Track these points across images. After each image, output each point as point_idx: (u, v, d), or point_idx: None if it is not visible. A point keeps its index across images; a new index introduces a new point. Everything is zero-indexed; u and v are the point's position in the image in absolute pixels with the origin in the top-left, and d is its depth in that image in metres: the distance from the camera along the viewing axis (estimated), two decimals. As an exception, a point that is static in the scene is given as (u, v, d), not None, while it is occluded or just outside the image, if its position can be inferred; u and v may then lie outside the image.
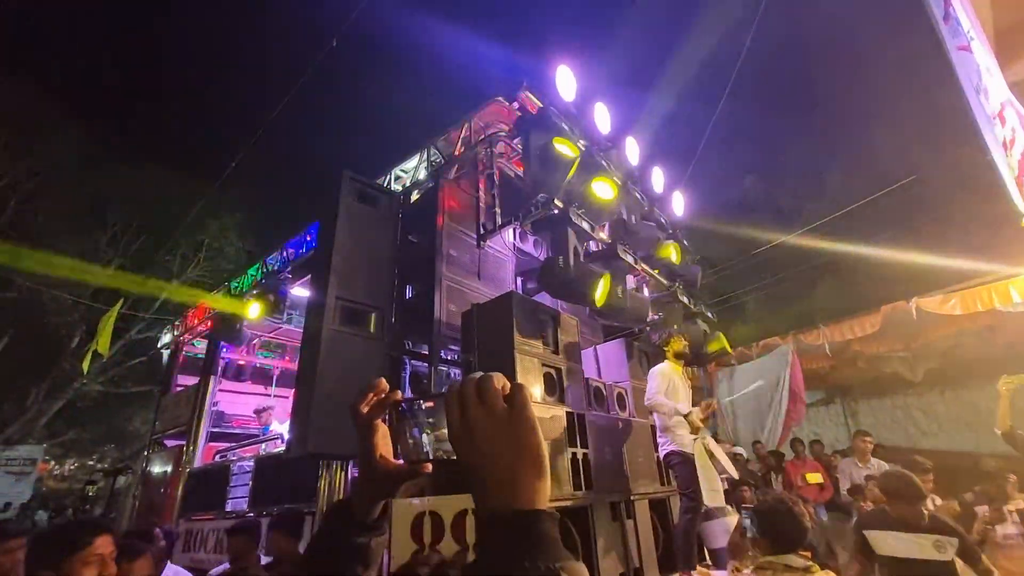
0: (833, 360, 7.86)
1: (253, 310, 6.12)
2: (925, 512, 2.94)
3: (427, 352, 4.22)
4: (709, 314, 5.01)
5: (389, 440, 0.88)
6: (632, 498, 4.19)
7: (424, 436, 0.77)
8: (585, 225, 3.53)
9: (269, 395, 8.16)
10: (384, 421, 0.87)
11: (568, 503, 3.47)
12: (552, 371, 3.80)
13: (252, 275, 7.17)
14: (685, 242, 5.49)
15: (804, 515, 2.09)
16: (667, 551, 4.16)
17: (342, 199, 4.32)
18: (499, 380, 0.69)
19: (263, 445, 5.86)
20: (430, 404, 0.77)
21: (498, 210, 3.99)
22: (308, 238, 6.21)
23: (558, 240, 3.36)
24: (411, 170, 5.29)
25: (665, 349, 4.07)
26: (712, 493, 3.45)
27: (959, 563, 3.09)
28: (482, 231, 4.09)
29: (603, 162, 3.96)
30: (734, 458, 7.01)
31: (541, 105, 3.99)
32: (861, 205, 8.03)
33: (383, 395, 0.84)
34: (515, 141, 4.54)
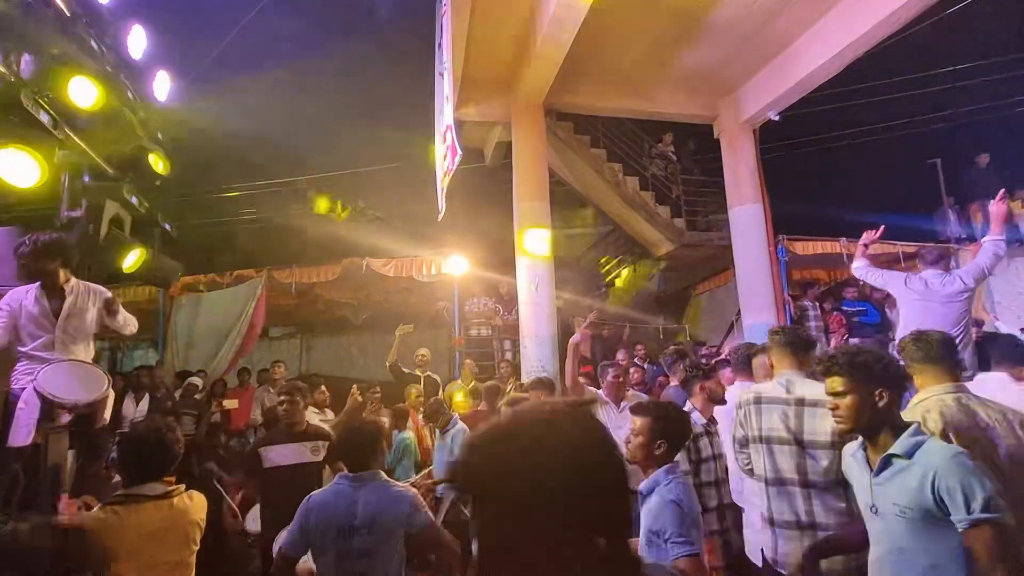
0: (298, 299, 8.59)
1: None
2: (305, 423, 3.52)
3: None
4: (167, 226, 4.28)
5: None
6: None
7: None
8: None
9: None
10: None
11: None
12: None
13: None
14: (160, 135, 4.55)
15: (176, 442, 2.01)
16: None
17: None
18: None
19: None
20: None
21: None
22: None
23: None
24: None
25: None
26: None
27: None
28: None
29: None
30: (187, 388, 6.49)
31: None
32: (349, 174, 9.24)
33: None
34: None
